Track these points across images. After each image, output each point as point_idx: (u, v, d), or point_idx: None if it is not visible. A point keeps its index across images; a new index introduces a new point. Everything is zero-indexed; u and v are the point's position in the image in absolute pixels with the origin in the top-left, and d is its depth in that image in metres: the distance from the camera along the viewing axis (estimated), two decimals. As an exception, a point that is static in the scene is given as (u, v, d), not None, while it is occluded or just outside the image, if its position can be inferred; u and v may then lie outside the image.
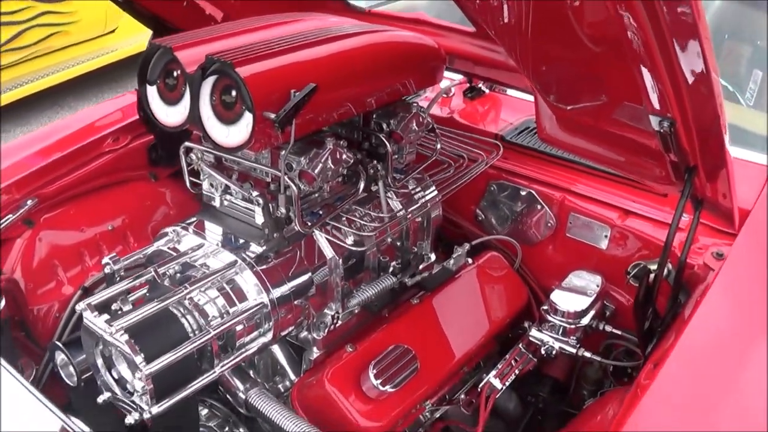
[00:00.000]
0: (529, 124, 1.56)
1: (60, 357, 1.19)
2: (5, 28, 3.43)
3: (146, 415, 0.95)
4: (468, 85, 1.67)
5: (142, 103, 1.23)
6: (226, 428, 1.20)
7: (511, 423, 1.39)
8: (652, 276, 1.15)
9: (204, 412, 1.21)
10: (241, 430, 1.23)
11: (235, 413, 1.22)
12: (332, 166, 1.08)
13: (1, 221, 1.40)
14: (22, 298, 1.40)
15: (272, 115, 0.96)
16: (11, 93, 3.56)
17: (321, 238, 1.15)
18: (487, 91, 1.70)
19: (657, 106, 0.93)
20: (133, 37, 3.96)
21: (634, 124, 1.03)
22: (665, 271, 1.21)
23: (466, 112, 1.64)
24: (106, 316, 0.98)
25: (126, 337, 0.94)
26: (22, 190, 1.45)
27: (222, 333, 1.02)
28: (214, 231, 1.15)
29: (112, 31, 4.00)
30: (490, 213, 1.47)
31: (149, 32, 1.65)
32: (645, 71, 0.88)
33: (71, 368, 1.17)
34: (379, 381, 1.07)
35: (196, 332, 1.00)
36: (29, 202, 1.45)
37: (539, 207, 1.40)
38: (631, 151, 1.15)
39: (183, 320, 1.01)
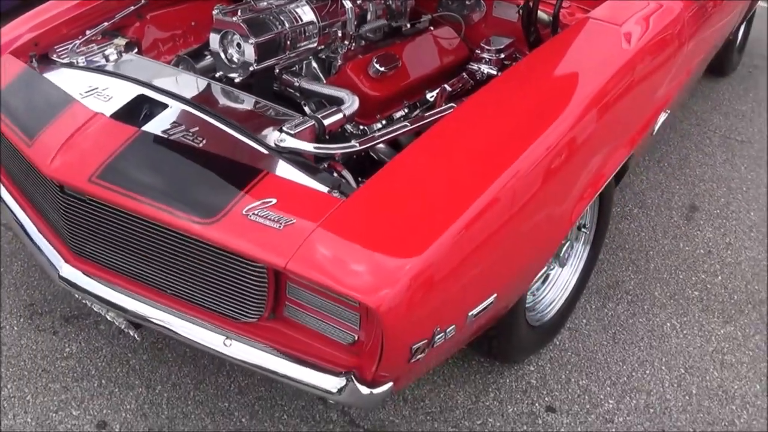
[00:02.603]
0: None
1: (182, 65, 2.05)
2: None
3: (252, 68, 1.81)
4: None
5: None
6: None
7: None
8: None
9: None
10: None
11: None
12: None
13: (124, 10, 2.25)
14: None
15: None
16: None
17: (344, -4, 2.04)
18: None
19: None
20: None
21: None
22: (547, 19, 2.12)
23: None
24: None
25: (244, 23, 1.80)
26: (139, -8, 2.30)
27: (288, 34, 1.88)
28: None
29: None
30: (445, 7, 2.36)
31: None
32: None
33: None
34: (378, 65, 1.96)
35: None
36: (143, 1, 2.30)
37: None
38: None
39: (272, 24, 1.87)
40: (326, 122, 1.70)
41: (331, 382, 1.45)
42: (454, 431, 1.92)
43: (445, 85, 2.09)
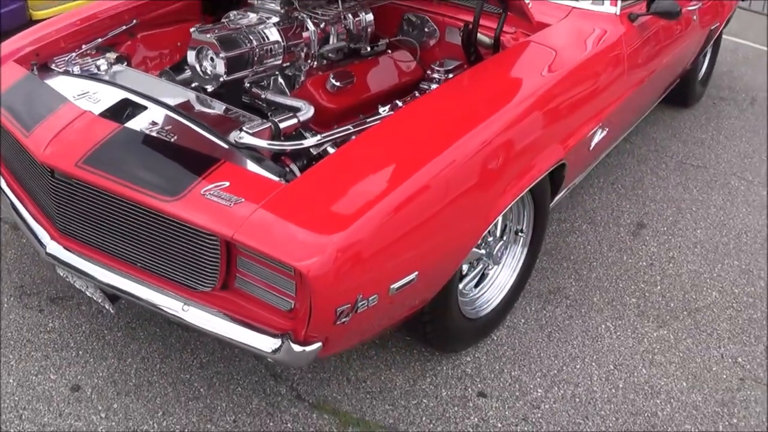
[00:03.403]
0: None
1: (164, 77, 2.46)
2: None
3: (222, 79, 2.21)
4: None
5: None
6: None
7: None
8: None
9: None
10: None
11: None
12: None
13: (118, 29, 2.68)
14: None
15: None
16: None
17: (307, 20, 2.42)
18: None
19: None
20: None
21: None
22: (488, 41, 2.50)
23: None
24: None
25: (216, 40, 2.20)
26: (131, 14, 2.73)
27: (255, 51, 2.28)
28: (251, 14, 2.43)
29: None
30: (403, 33, 2.76)
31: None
32: None
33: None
34: (335, 81, 2.34)
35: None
36: (134, 21, 2.73)
37: (431, 26, 2.70)
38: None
39: (242, 42, 2.27)
40: (282, 125, 2.09)
41: (269, 343, 1.79)
42: (390, 408, 2.24)
43: (397, 101, 2.48)
